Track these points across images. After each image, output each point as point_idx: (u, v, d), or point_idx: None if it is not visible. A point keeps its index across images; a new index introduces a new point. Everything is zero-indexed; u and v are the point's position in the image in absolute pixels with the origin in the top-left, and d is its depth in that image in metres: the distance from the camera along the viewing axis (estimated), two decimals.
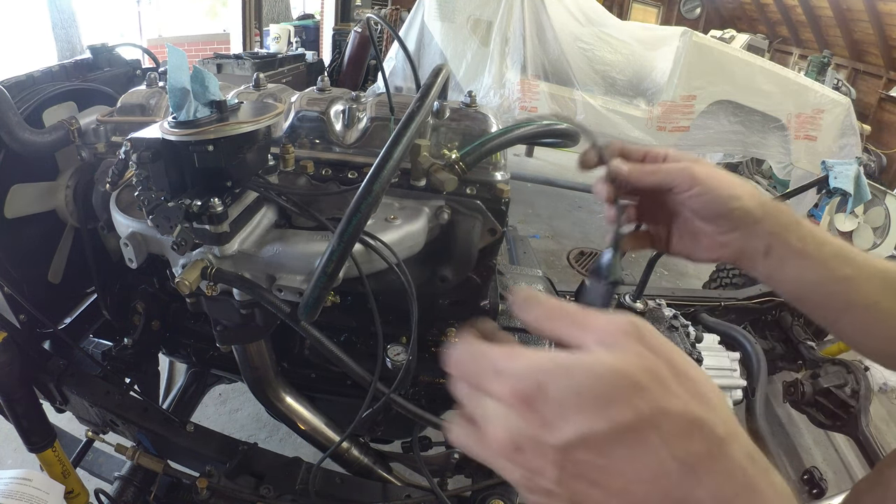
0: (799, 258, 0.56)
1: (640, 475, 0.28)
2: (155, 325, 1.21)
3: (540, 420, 0.29)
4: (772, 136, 3.90)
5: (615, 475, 0.29)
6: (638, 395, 0.28)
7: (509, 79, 3.73)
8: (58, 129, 1.04)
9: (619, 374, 0.29)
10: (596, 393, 0.28)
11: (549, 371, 0.30)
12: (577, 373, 0.29)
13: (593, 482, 0.29)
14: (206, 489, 0.99)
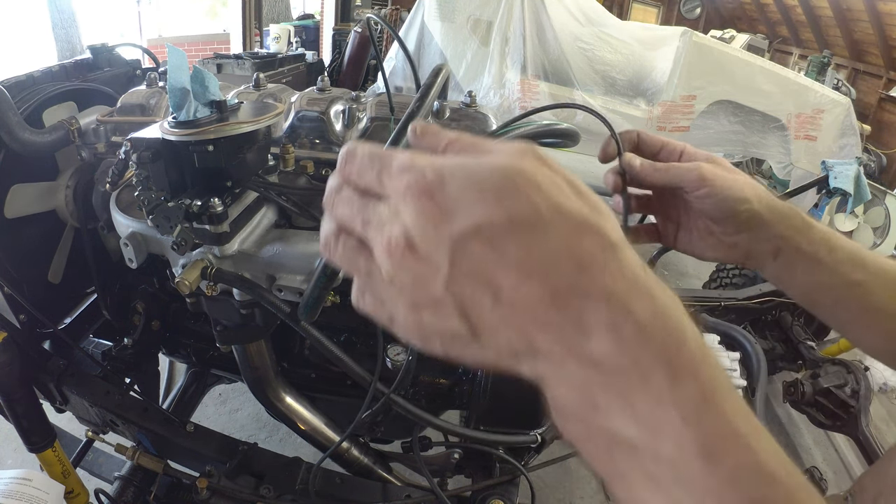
0: (808, 262, 0.55)
1: (531, 270, 0.27)
2: (155, 325, 1.21)
3: (438, 210, 0.28)
4: (772, 136, 3.90)
5: (506, 270, 0.27)
6: (536, 192, 0.27)
7: (509, 79, 3.73)
8: (58, 129, 1.04)
9: (521, 172, 0.28)
10: (497, 186, 0.27)
11: (452, 165, 0.29)
12: (480, 168, 0.28)
13: (483, 280, 0.27)
14: (206, 489, 0.99)
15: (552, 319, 0.27)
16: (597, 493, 1.99)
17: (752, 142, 3.95)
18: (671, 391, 0.25)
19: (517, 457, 1.11)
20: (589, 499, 1.97)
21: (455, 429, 0.99)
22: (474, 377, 1.15)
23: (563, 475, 2.01)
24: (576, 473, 2.03)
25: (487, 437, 1.05)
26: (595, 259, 0.27)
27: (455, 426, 1.02)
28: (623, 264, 0.27)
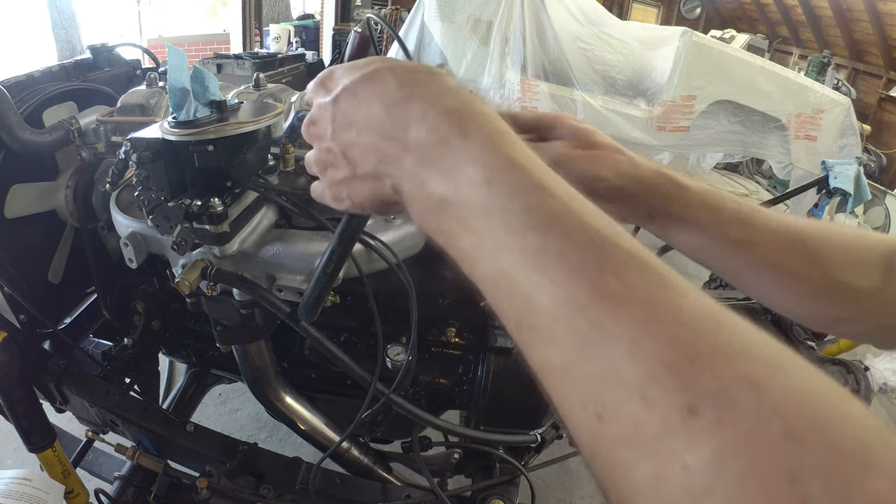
0: (682, 224, 0.56)
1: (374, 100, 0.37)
2: (155, 325, 1.21)
3: (325, 90, 0.41)
4: (772, 136, 3.90)
5: (362, 107, 0.37)
6: (383, 61, 0.39)
7: (509, 79, 3.73)
8: (58, 129, 1.04)
9: (376, 58, 0.40)
10: (359, 65, 0.39)
11: (337, 66, 0.42)
12: (356, 62, 0.40)
13: (350, 121, 0.38)
14: (206, 489, 0.99)
15: (388, 127, 0.36)
16: (597, 493, 1.99)
17: (752, 142, 3.95)
18: (463, 146, 0.32)
19: (517, 457, 1.11)
20: (589, 499, 1.97)
21: (455, 429, 0.99)
22: (474, 377, 1.15)
23: (563, 475, 2.01)
24: (576, 473, 2.03)
25: (487, 437, 1.05)
26: (418, 82, 0.36)
27: (455, 426, 1.02)
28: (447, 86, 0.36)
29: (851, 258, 0.53)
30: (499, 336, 1.13)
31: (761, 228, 0.54)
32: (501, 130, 0.33)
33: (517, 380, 1.07)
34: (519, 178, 0.30)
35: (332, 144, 0.40)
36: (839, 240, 0.54)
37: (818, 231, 0.55)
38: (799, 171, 3.95)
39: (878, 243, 0.54)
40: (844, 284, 0.52)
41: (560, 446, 1.21)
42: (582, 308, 0.26)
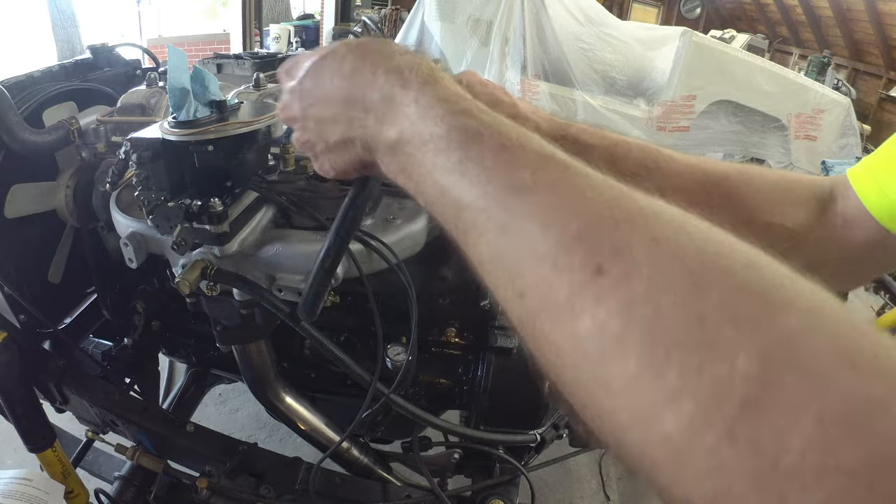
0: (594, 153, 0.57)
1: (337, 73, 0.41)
2: (155, 325, 1.21)
3: (291, 77, 0.46)
4: (772, 136, 3.90)
5: (325, 82, 0.42)
6: (343, 43, 0.42)
7: (509, 79, 3.73)
8: (58, 129, 1.04)
9: (342, 41, 0.43)
10: (320, 48, 0.43)
11: (301, 54, 0.45)
12: (318, 49, 0.44)
13: (316, 98, 0.42)
14: (206, 489, 0.99)
15: (348, 95, 0.40)
16: (597, 493, 1.99)
17: (752, 142, 3.95)
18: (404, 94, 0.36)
19: (517, 457, 1.11)
20: (589, 499, 1.97)
21: (455, 428, 0.99)
22: (474, 377, 1.15)
23: (563, 475, 2.01)
24: (576, 473, 2.03)
25: (487, 436, 1.05)
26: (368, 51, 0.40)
27: (455, 426, 1.02)
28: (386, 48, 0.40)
29: (775, 197, 0.53)
30: (499, 336, 1.13)
31: (668, 173, 0.55)
32: (434, 77, 0.37)
33: (517, 380, 1.07)
34: (444, 108, 0.34)
35: (305, 123, 0.45)
36: (761, 181, 0.54)
37: (737, 173, 0.54)
38: (799, 171, 3.95)
39: (807, 182, 0.54)
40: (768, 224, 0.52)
41: (560, 446, 1.20)
42: (498, 200, 0.29)
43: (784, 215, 0.52)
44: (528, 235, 0.27)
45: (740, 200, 0.52)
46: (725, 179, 0.53)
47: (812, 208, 0.52)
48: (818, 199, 0.52)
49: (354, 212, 0.53)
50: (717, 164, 0.55)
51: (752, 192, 0.53)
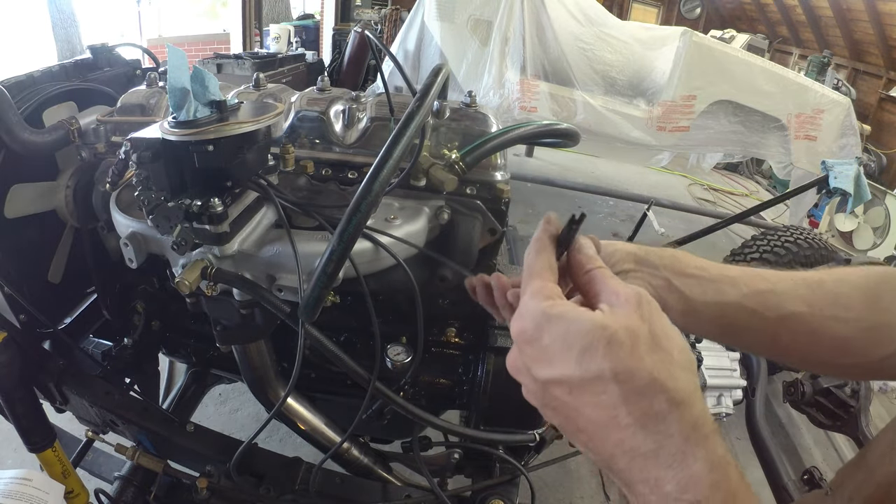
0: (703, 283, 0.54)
1: (597, 418, 0.35)
2: (155, 325, 1.21)
3: (532, 356, 0.38)
4: (772, 136, 3.90)
5: (579, 413, 0.36)
6: (611, 350, 0.35)
7: (509, 79, 3.73)
8: (58, 129, 1.04)
9: (602, 328, 0.35)
10: (579, 344, 0.35)
11: (550, 318, 0.37)
12: (571, 324, 0.36)
13: (563, 415, 0.37)
14: (206, 489, 0.99)
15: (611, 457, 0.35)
16: (596, 493, 1.99)
17: (752, 142, 3.95)
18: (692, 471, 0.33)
19: (517, 457, 1.11)
20: (589, 499, 1.97)
21: (455, 428, 0.99)
22: (474, 377, 1.15)
23: (563, 475, 2.01)
24: (576, 473, 2.03)
25: (487, 436, 1.05)
26: (649, 421, 0.34)
27: (455, 426, 1.02)
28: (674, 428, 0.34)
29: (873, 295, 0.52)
30: (499, 336, 1.13)
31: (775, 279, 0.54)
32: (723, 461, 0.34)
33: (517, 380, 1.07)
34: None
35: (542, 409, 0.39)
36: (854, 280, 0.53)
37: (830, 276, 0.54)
38: (799, 171, 3.95)
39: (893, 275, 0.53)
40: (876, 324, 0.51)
41: (560, 446, 1.20)
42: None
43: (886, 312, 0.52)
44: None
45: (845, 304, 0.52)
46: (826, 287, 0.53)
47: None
48: None
49: (359, 216, 0.53)
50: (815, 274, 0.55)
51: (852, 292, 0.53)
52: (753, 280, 0.54)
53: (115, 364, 1.20)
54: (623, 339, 0.35)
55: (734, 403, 1.38)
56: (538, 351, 0.37)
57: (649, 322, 0.36)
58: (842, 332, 0.52)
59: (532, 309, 0.39)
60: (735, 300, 0.54)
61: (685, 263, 0.55)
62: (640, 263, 0.56)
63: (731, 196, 5.73)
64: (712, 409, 1.34)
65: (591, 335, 0.35)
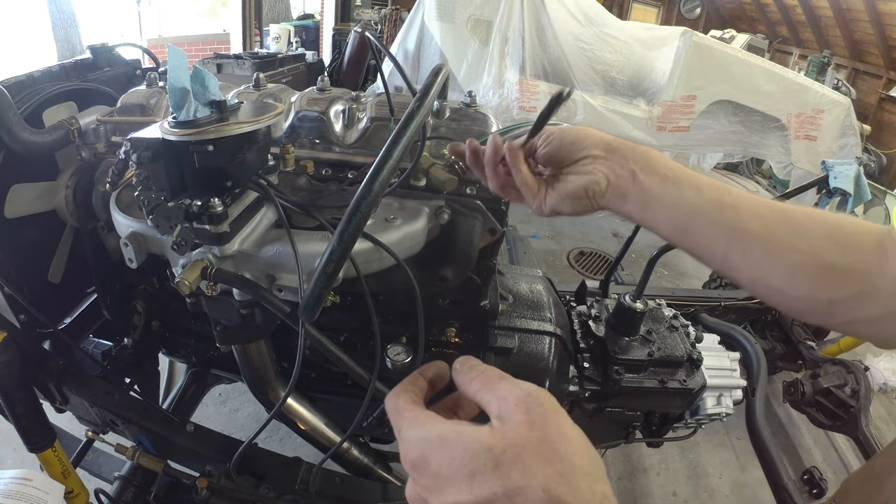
0: (668, 183, 0.55)
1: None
2: (155, 325, 1.21)
3: (426, 486, 0.36)
4: (772, 136, 3.90)
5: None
6: (498, 471, 0.33)
7: (508, 79, 3.73)
8: (58, 129, 1.04)
9: (487, 450, 0.33)
10: (466, 468, 0.34)
11: (432, 443, 0.36)
12: (455, 448, 0.35)
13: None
14: (206, 489, 0.99)
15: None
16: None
17: (752, 142, 3.95)
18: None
19: None
20: None
21: None
22: None
23: None
24: None
25: None
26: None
27: None
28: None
29: (839, 238, 0.52)
30: (499, 336, 1.13)
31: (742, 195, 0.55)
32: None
33: None
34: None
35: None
36: (826, 219, 0.53)
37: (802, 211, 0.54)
38: (799, 171, 3.96)
39: (868, 227, 0.53)
40: (833, 264, 0.51)
41: None
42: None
43: (851, 255, 0.51)
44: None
45: (806, 236, 0.52)
46: (795, 214, 0.53)
47: (876, 253, 0.51)
48: (880, 244, 0.51)
49: (359, 216, 0.53)
50: (783, 203, 0.55)
51: (819, 228, 0.52)
52: (718, 192, 0.54)
53: (115, 364, 1.20)
54: (511, 458, 0.33)
55: (734, 403, 1.38)
56: (429, 479, 0.36)
57: (542, 428, 0.34)
58: (794, 260, 0.52)
59: (413, 437, 0.38)
60: (694, 206, 0.55)
61: (655, 161, 0.56)
62: (609, 152, 0.58)
63: None
64: (712, 409, 1.34)
65: (477, 459, 0.33)
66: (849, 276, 0.50)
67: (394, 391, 0.44)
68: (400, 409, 0.41)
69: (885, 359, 2.36)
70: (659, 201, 0.56)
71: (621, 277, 2.32)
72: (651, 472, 2.18)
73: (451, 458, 0.35)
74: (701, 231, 0.55)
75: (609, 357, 1.18)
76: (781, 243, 0.52)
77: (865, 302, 0.50)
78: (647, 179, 0.56)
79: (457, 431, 0.36)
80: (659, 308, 1.31)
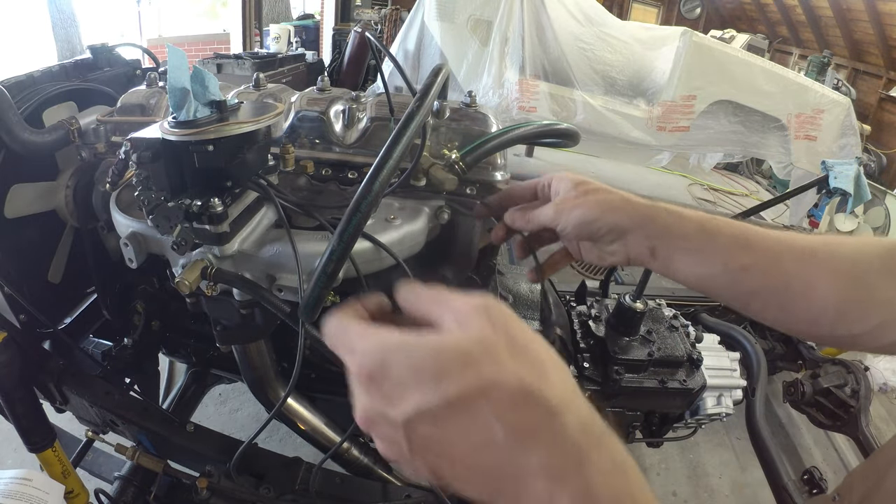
0: (686, 254, 0.56)
1: (473, 443, 0.30)
2: (155, 325, 1.21)
3: (383, 396, 0.32)
4: (772, 136, 3.90)
5: (452, 444, 0.31)
6: (468, 367, 0.30)
7: (508, 79, 3.73)
8: (58, 129, 1.04)
9: (453, 348, 0.31)
10: (431, 369, 0.31)
11: (392, 349, 0.32)
12: (417, 350, 0.32)
13: (437, 452, 0.32)
14: (206, 489, 0.99)
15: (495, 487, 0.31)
16: None
17: (752, 142, 3.95)
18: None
19: None
20: None
21: None
22: None
23: None
24: None
25: None
26: (531, 432, 0.30)
27: None
28: (562, 435, 0.30)
29: (857, 272, 0.52)
30: None
31: (764, 251, 0.54)
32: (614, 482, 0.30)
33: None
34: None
35: (411, 458, 0.33)
36: (844, 252, 0.53)
37: (823, 246, 0.54)
38: (799, 171, 3.96)
39: (886, 250, 0.53)
40: (853, 301, 0.51)
41: None
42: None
43: (870, 288, 0.51)
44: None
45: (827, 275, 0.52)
46: (812, 255, 0.54)
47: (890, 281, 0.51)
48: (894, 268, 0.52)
49: (359, 216, 0.53)
50: (799, 238, 0.55)
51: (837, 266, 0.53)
52: (738, 252, 0.55)
53: (115, 364, 1.20)
54: (480, 354, 0.31)
55: (734, 403, 1.38)
56: (388, 389, 0.32)
57: (505, 330, 0.33)
58: (813, 307, 0.53)
59: (366, 347, 0.33)
60: (711, 275, 0.56)
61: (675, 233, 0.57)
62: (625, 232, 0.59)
63: (731, 196, 5.73)
64: (712, 409, 1.34)
65: (444, 357, 0.31)
66: (868, 310, 0.51)
67: (334, 313, 0.38)
68: (346, 325, 0.36)
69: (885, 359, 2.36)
70: (678, 274, 0.58)
71: (621, 277, 2.32)
72: (651, 472, 2.18)
73: (413, 362, 0.31)
74: (720, 293, 0.57)
75: (609, 357, 1.18)
76: (799, 294, 0.53)
77: (890, 328, 0.51)
78: (666, 255, 0.58)
79: (417, 336, 0.33)
80: (659, 308, 1.31)
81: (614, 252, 0.61)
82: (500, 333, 0.32)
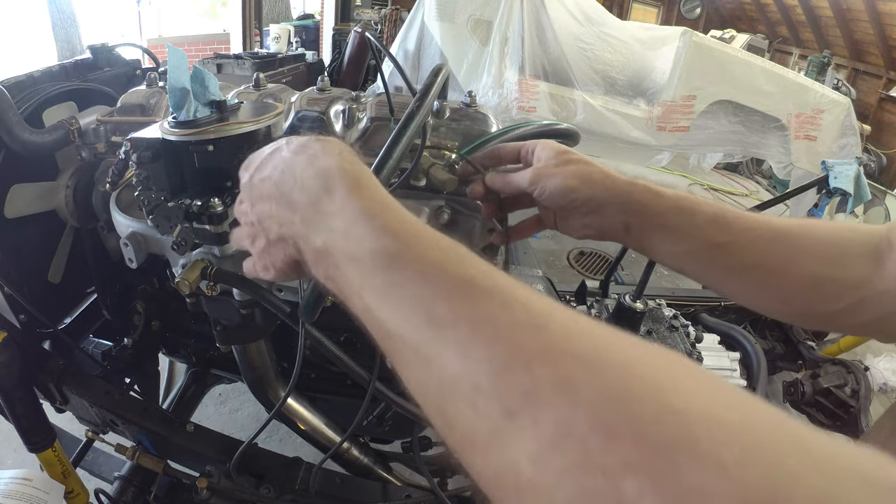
0: (661, 231, 0.56)
1: (275, 171, 0.43)
2: (155, 325, 1.21)
3: (246, 175, 0.46)
4: (772, 136, 3.90)
5: (265, 179, 0.43)
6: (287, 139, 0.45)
7: (508, 79, 3.73)
8: (58, 129, 1.04)
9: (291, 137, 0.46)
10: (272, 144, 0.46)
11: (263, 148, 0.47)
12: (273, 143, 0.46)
13: (260, 195, 0.43)
14: (206, 489, 0.99)
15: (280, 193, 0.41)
16: None
17: (752, 142, 3.95)
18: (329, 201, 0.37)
19: None
20: None
21: None
22: None
23: None
24: None
25: None
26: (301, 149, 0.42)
27: None
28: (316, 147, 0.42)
29: (833, 252, 0.53)
30: None
31: (739, 230, 0.55)
32: (360, 183, 0.38)
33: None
34: (368, 227, 0.35)
35: (252, 218, 0.45)
36: (821, 234, 0.54)
37: (799, 227, 0.54)
38: (799, 171, 3.95)
39: (864, 234, 0.53)
40: (828, 279, 0.52)
41: None
42: (420, 331, 0.29)
43: (845, 268, 0.52)
44: (447, 373, 0.28)
45: (803, 254, 0.53)
46: (789, 235, 0.54)
47: (871, 259, 0.51)
48: (877, 248, 0.52)
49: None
50: (777, 219, 0.56)
51: (813, 246, 0.53)
52: (714, 230, 0.55)
53: (115, 364, 1.20)
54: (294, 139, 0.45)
55: None
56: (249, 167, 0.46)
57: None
58: (788, 285, 0.54)
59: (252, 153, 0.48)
60: (687, 252, 0.56)
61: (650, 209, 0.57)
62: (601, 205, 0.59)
63: (731, 196, 5.73)
64: None
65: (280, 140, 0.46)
66: (844, 288, 0.52)
67: None
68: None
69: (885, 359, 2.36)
70: (654, 251, 0.59)
71: (621, 277, 2.32)
72: None
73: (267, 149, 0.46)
74: (696, 271, 0.58)
75: None
76: (775, 272, 0.54)
77: (865, 307, 0.51)
78: (641, 232, 0.58)
79: None
80: (659, 308, 1.31)
81: (588, 225, 0.60)
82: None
